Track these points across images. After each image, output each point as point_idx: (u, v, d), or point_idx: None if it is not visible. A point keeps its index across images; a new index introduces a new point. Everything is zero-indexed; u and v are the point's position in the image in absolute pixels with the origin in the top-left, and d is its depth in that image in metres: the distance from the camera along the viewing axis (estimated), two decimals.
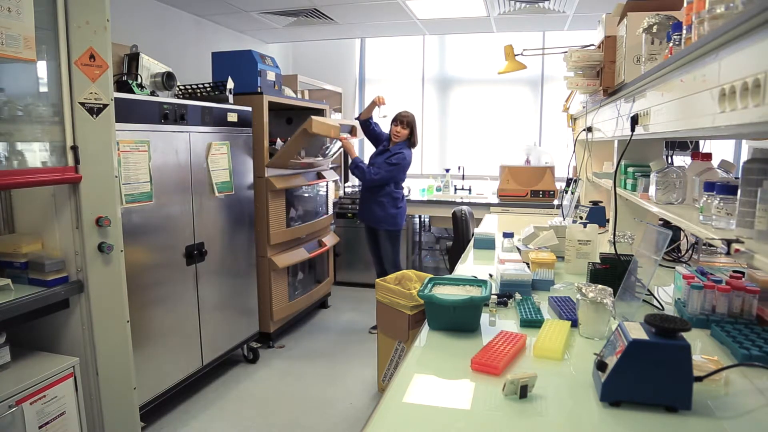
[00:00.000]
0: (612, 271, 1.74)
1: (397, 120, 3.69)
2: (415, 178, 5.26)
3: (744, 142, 2.84)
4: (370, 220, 3.77)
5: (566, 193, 3.47)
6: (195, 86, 3.13)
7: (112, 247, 1.91)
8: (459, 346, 1.39)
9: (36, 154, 1.75)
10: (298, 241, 3.77)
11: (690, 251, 2.24)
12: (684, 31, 1.26)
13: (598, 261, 1.80)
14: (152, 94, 2.58)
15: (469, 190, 5.06)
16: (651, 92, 1.59)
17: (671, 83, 1.37)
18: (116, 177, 1.94)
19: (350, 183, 5.32)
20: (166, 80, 2.67)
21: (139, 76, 2.54)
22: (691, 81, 1.18)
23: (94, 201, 1.86)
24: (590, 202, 3.05)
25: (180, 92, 3.06)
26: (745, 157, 2.76)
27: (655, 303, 1.71)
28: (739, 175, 1.14)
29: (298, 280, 3.97)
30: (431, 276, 1.69)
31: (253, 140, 3.25)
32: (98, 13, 1.80)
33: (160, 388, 2.53)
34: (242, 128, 3.13)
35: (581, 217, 2.95)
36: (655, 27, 1.61)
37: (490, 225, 3.64)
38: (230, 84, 3.09)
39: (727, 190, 1.16)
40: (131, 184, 2.27)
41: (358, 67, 5.56)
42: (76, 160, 1.79)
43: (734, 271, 1.64)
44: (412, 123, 3.71)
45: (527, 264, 2.11)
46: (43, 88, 1.77)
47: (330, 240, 4.21)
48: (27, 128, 1.73)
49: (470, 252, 2.63)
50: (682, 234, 2.29)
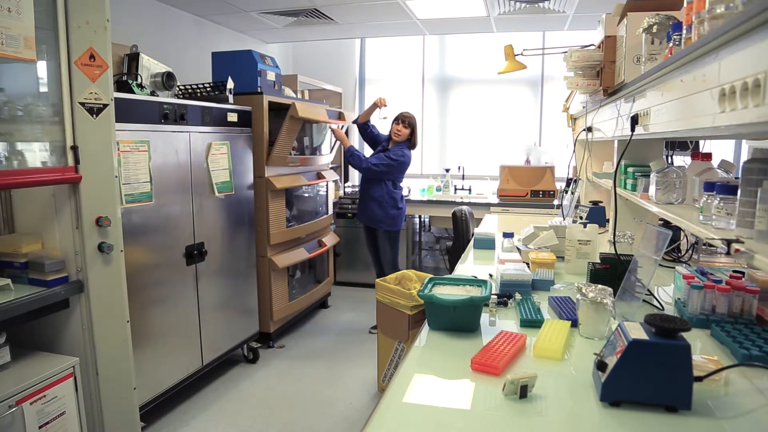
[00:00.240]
0: (612, 271, 1.74)
1: (399, 119, 3.68)
2: (415, 178, 5.26)
3: (744, 142, 2.84)
4: (369, 220, 3.77)
5: (566, 193, 3.47)
6: (195, 86, 3.13)
7: (112, 247, 1.91)
8: (459, 346, 1.39)
9: (36, 154, 1.75)
10: (298, 241, 3.77)
11: (690, 251, 2.24)
12: (684, 31, 1.26)
13: (598, 261, 1.80)
14: (152, 94, 2.58)
15: (469, 190, 5.06)
16: (651, 92, 1.59)
17: (671, 83, 1.37)
18: (116, 177, 1.94)
19: (350, 183, 5.32)
20: (166, 80, 2.67)
21: (139, 76, 2.54)
22: (691, 81, 1.18)
23: (94, 201, 1.86)
24: (590, 202, 3.05)
25: (180, 92, 3.06)
26: (745, 157, 2.76)
27: (655, 303, 1.71)
28: (739, 175, 1.14)
29: (298, 280, 3.98)
30: (431, 276, 1.69)
31: (253, 140, 3.25)
32: (98, 13, 1.81)
33: (160, 388, 2.53)
34: (242, 128, 3.13)
35: (581, 217, 2.95)
36: (655, 27, 1.61)
37: (490, 225, 3.64)
38: (230, 84, 3.09)
39: (727, 190, 1.16)
40: (131, 184, 2.27)
41: (358, 67, 5.56)
42: (76, 160, 1.79)
43: (734, 271, 1.64)
44: (414, 124, 3.71)
45: (527, 264, 2.11)
46: (43, 88, 1.77)
47: (330, 240, 4.21)
48: (27, 128, 1.73)
49: (470, 252, 2.63)
50: (682, 234, 2.29)
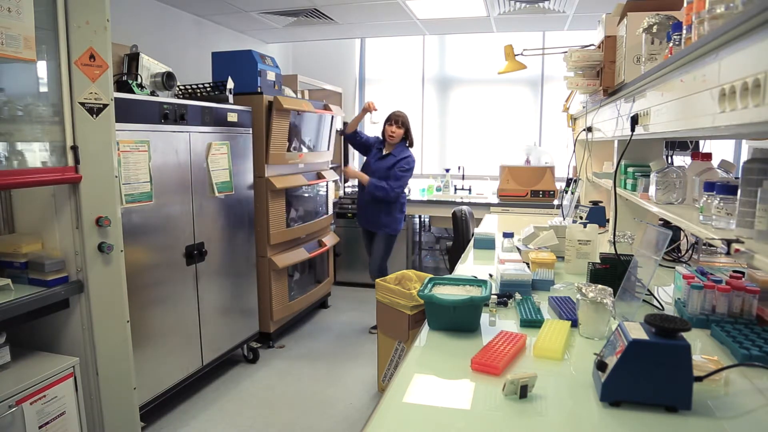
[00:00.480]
0: (612, 271, 1.74)
1: (391, 120, 3.66)
2: (415, 178, 5.24)
3: (744, 142, 2.84)
4: (374, 225, 3.76)
5: (566, 193, 3.47)
6: (195, 86, 3.13)
7: (112, 247, 1.91)
8: (459, 346, 1.39)
9: (36, 154, 1.75)
10: (298, 241, 3.77)
11: (690, 251, 2.24)
12: (684, 31, 1.26)
13: (598, 261, 1.80)
14: (152, 94, 2.58)
15: (469, 190, 5.06)
16: (651, 92, 1.59)
17: (671, 83, 1.37)
18: (116, 177, 1.94)
19: (350, 183, 5.32)
20: (166, 80, 2.67)
21: (139, 76, 2.54)
22: (691, 81, 1.18)
23: (94, 201, 1.86)
24: (590, 202, 3.05)
25: (180, 92, 3.06)
26: (745, 157, 2.76)
27: (655, 303, 1.71)
28: (739, 175, 1.14)
29: (298, 280, 3.97)
30: (431, 276, 1.69)
31: (253, 140, 3.25)
32: (98, 13, 1.81)
33: (160, 388, 2.53)
34: (242, 128, 3.13)
35: (581, 217, 2.95)
36: (655, 27, 1.61)
37: (490, 225, 3.64)
38: (230, 84, 3.09)
39: (727, 190, 1.16)
40: (131, 184, 2.27)
41: (358, 67, 5.56)
42: (76, 160, 1.79)
43: (734, 271, 1.64)
44: (407, 122, 3.69)
45: (527, 264, 2.10)
46: (43, 88, 1.77)
47: (330, 240, 4.21)
48: (27, 128, 1.73)
49: (470, 252, 2.63)
50: (682, 234, 2.29)
